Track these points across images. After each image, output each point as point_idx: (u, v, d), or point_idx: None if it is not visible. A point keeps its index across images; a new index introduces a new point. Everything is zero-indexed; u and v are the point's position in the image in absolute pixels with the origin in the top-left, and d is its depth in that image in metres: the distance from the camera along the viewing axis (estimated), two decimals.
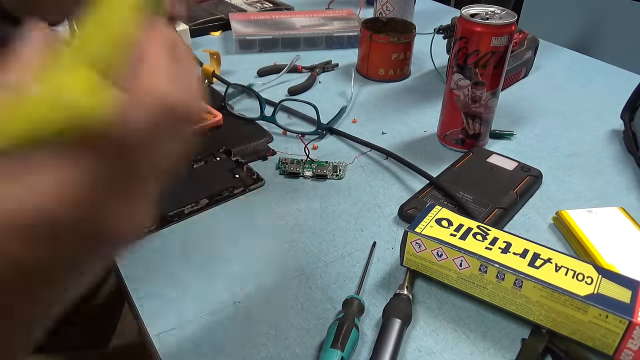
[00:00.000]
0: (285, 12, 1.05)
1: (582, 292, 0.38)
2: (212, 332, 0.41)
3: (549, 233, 0.52)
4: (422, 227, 0.44)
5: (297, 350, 0.40)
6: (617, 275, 0.40)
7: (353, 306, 0.41)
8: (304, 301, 0.44)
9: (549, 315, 0.40)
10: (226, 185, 0.55)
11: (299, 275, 0.46)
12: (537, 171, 0.59)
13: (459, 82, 0.60)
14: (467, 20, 0.57)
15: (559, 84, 0.84)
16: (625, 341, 0.37)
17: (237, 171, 0.58)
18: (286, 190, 0.57)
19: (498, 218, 0.52)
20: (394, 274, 0.47)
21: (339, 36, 0.93)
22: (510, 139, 0.68)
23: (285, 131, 0.67)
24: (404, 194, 0.57)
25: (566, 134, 0.69)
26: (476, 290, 0.43)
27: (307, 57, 0.89)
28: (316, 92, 0.79)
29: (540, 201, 0.57)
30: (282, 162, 0.61)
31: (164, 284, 0.45)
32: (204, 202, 0.53)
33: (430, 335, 0.41)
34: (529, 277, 0.39)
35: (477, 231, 0.44)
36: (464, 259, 0.42)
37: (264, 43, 0.91)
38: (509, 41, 0.57)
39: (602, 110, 0.75)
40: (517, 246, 0.42)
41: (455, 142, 0.64)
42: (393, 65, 0.81)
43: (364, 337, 0.41)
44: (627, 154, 0.66)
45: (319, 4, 1.16)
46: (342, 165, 0.60)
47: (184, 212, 0.52)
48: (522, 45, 0.82)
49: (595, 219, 0.51)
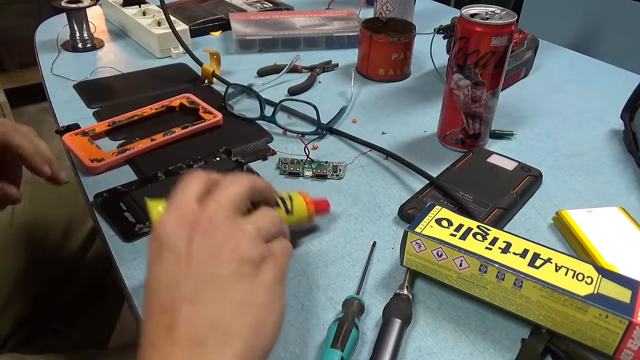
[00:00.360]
0: (285, 12, 1.05)
1: (582, 292, 0.38)
2: None
3: (549, 233, 0.52)
4: (422, 227, 0.44)
5: (297, 350, 0.40)
6: (617, 275, 0.40)
7: (353, 306, 0.41)
8: (304, 301, 0.44)
9: (549, 315, 0.40)
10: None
11: (299, 275, 0.46)
12: (537, 171, 0.59)
13: (459, 82, 0.60)
14: (467, 20, 0.57)
15: (559, 84, 0.84)
16: (625, 341, 0.37)
17: (237, 171, 0.57)
18: (286, 190, 0.57)
19: (498, 218, 0.52)
20: (394, 274, 0.47)
21: (339, 36, 0.93)
22: (510, 139, 0.68)
23: (285, 131, 0.67)
24: (404, 194, 0.57)
25: (566, 134, 0.69)
26: (476, 290, 0.43)
27: (307, 57, 0.89)
28: (316, 92, 0.79)
29: (540, 201, 0.57)
30: (282, 162, 0.61)
31: None
32: None
33: (430, 335, 0.41)
34: (529, 277, 0.39)
35: (477, 231, 0.44)
36: (464, 259, 0.42)
37: (264, 43, 0.91)
38: (509, 41, 0.57)
39: (602, 110, 0.75)
40: (517, 246, 0.42)
41: (455, 142, 0.64)
42: (393, 65, 0.81)
43: (364, 337, 0.41)
44: (627, 154, 0.66)
45: (319, 4, 1.16)
46: (342, 165, 0.60)
47: None
48: (522, 45, 0.82)
49: (595, 219, 0.51)
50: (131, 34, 0.97)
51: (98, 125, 0.65)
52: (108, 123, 0.65)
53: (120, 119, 0.66)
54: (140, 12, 0.97)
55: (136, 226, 0.49)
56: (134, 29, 0.95)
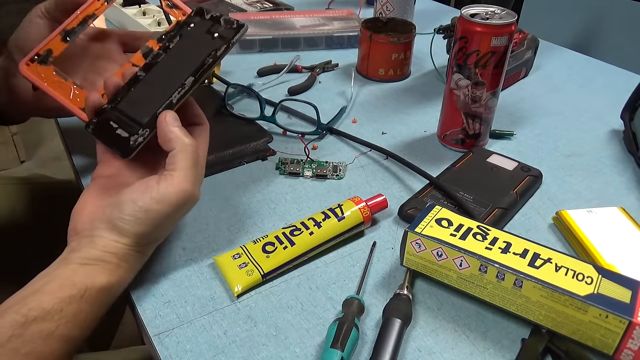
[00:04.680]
0: (285, 12, 1.05)
1: (582, 292, 0.38)
2: (212, 332, 0.41)
3: (549, 233, 0.52)
4: (422, 227, 0.44)
5: (297, 350, 0.40)
6: (617, 275, 0.40)
7: (353, 306, 0.41)
8: (304, 301, 0.44)
9: (549, 315, 0.40)
10: (209, 49, 0.46)
11: (299, 275, 0.46)
12: (537, 171, 0.59)
13: (459, 82, 0.60)
14: (467, 20, 0.57)
15: (559, 84, 0.84)
16: (625, 341, 0.37)
17: (214, 29, 0.48)
18: (286, 190, 0.57)
19: (498, 218, 0.52)
20: (394, 274, 0.47)
21: (339, 36, 0.93)
22: (510, 139, 0.68)
23: (285, 131, 0.67)
24: (404, 194, 0.57)
25: (566, 134, 0.69)
26: (476, 290, 0.43)
27: (307, 57, 0.89)
28: (316, 92, 0.79)
29: (540, 201, 0.57)
30: (282, 162, 0.61)
31: (164, 284, 0.45)
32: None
33: (430, 335, 0.41)
34: (529, 277, 0.39)
35: (477, 231, 0.44)
36: (464, 259, 0.42)
37: (264, 43, 0.91)
38: (509, 41, 0.57)
39: (602, 110, 0.75)
40: (517, 246, 0.42)
41: (455, 142, 0.64)
42: (393, 65, 0.81)
43: (364, 337, 0.41)
44: (627, 154, 0.66)
45: (319, 4, 1.16)
46: (342, 165, 0.60)
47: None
48: (522, 45, 0.82)
49: (595, 219, 0.51)
50: None
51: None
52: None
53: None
54: (140, 12, 0.97)
55: (130, 140, 0.45)
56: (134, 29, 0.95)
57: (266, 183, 0.58)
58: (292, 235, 0.47)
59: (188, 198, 0.41)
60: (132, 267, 0.41)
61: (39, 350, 0.34)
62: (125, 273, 0.41)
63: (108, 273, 0.39)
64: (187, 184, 0.41)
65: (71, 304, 0.36)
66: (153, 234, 0.42)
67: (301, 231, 0.47)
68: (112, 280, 0.39)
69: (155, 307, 0.43)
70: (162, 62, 0.47)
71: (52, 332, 0.35)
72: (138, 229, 0.40)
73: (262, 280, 0.45)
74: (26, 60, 0.49)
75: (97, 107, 0.46)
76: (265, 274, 0.45)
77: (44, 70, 0.49)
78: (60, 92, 0.50)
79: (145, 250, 0.42)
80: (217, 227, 0.51)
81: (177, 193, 0.40)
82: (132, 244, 0.40)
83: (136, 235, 0.40)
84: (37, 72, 0.49)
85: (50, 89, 0.49)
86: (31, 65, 0.49)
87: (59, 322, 0.35)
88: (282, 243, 0.47)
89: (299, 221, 0.49)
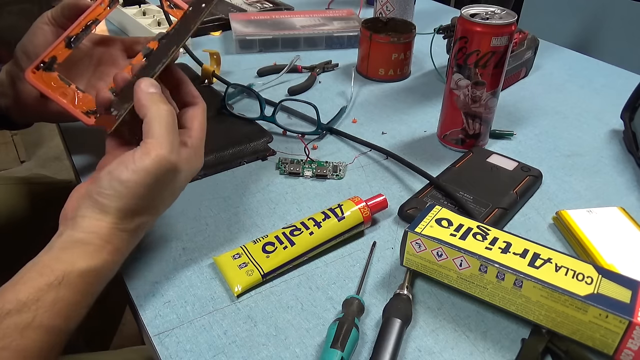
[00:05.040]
0: (285, 12, 1.05)
1: (582, 292, 0.38)
2: (212, 332, 0.41)
3: (549, 233, 0.52)
4: (422, 227, 0.44)
5: (297, 350, 0.40)
6: (617, 275, 0.40)
7: (353, 306, 0.41)
8: (304, 301, 0.44)
9: (549, 315, 0.40)
10: (195, 17, 0.47)
11: (299, 275, 0.46)
12: (537, 171, 0.59)
13: (459, 82, 0.60)
14: (467, 20, 0.57)
15: (559, 84, 0.84)
16: (625, 341, 0.37)
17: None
18: (286, 190, 0.57)
19: (498, 218, 0.52)
20: (394, 274, 0.47)
21: (339, 36, 0.93)
22: (510, 139, 0.68)
23: (285, 131, 0.67)
24: (404, 194, 0.57)
25: (566, 134, 0.69)
26: (476, 290, 0.43)
27: (307, 57, 0.89)
28: (316, 92, 0.79)
29: (540, 201, 0.57)
30: (282, 162, 0.61)
31: (164, 284, 0.45)
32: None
33: (430, 335, 0.41)
34: (529, 277, 0.39)
35: (477, 231, 0.44)
36: (464, 259, 0.42)
37: (264, 43, 0.91)
38: (509, 41, 0.57)
39: (602, 110, 0.75)
40: (517, 246, 0.42)
41: (455, 142, 0.64)
42: (393, 65, 0.81)
43: (364, 337, 0.41)
44: (627, 154, 0.66)
45: (319, 4, 1.16)
46: (342, 165, 0.60)
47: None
48: (522, 45, 0.82)
49: (595, 219, 0.51)
50: (131, 34, 0.97)
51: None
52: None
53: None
54: (140, 12, 0.97)
55: (112, 112, 0.45)
56: (134, 29, 0.95)
57: (266, 183, 0.58)
58: (292, 235, 0.47)
59: (165, 165, 0.39)
60: (118, 249, 0.40)
61: (15, 344, 0.33)
62: (110, 255, 0.39)
63: (89, 256, 0.38)
64: (163, 150, 0.39)
65: (49, 292, 0.35)
66: (136, 208, 0.40)
67: (301, 231, 0.47)
68: (95, 263, 0.38)
69: (155, 307, 0.43)
70: (161, 45, 0.47)
71: (28, 323, 0.34)
72: (119, 203, 0.39)
73: (262, 280, 0.45)
74: (32, 68, 0.49)
75: (106, 102, 0.46)
76: (265, 274, 0.45)
77: (49, 77, 0.50)
78: (65, 97, 0.50)
79: (132, 229, 0.41)
80: (217, 227, 0.51)
81: (152, 160, 0.39)
82: (115, 221, 0.39)
83: (118, 210, 0.39)
84: (43, 80, 0.50)
85: (56, 96, 0.50)
86: (37, 72, 0.49)
87: (36, 312, 0.34)
88: (282, 243, 0.47)
89: (299, 221, 0.49)
